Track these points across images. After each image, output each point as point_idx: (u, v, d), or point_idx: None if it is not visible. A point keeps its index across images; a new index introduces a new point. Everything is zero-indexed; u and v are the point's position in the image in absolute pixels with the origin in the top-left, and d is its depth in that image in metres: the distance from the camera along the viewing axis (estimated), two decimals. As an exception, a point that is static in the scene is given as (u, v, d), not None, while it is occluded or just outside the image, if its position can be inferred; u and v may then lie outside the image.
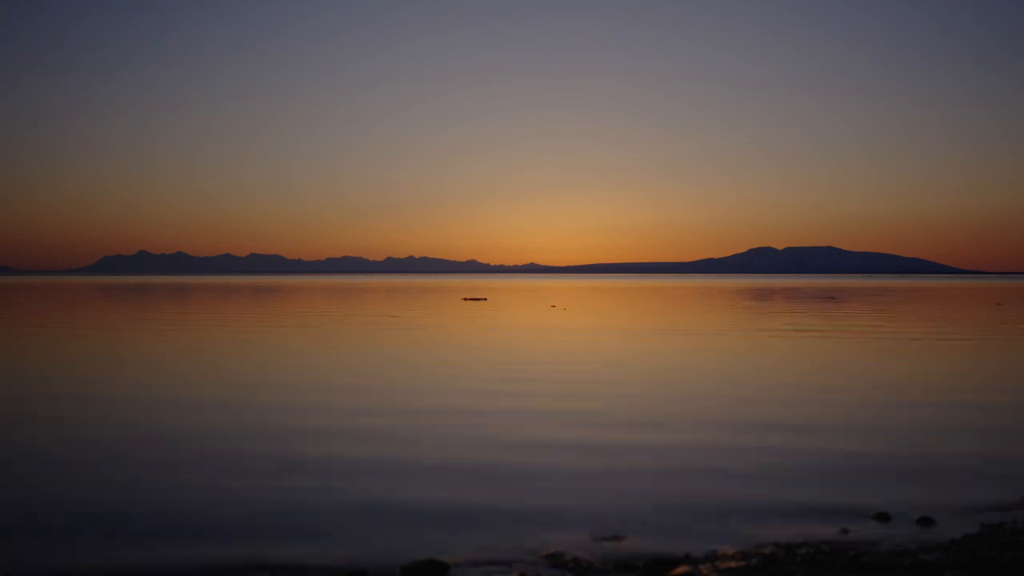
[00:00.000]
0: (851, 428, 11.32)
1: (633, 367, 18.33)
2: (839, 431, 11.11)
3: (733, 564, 6.10)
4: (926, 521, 7.07)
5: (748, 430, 11.15)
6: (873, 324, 33.46)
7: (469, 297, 68.52)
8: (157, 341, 25.12)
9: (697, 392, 14.60)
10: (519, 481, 8.53)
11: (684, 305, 53.41)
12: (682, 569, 6.00)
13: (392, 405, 13.14)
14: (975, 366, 18.78)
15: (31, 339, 25.90)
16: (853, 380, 16.22)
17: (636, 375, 16.91)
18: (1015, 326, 32.50)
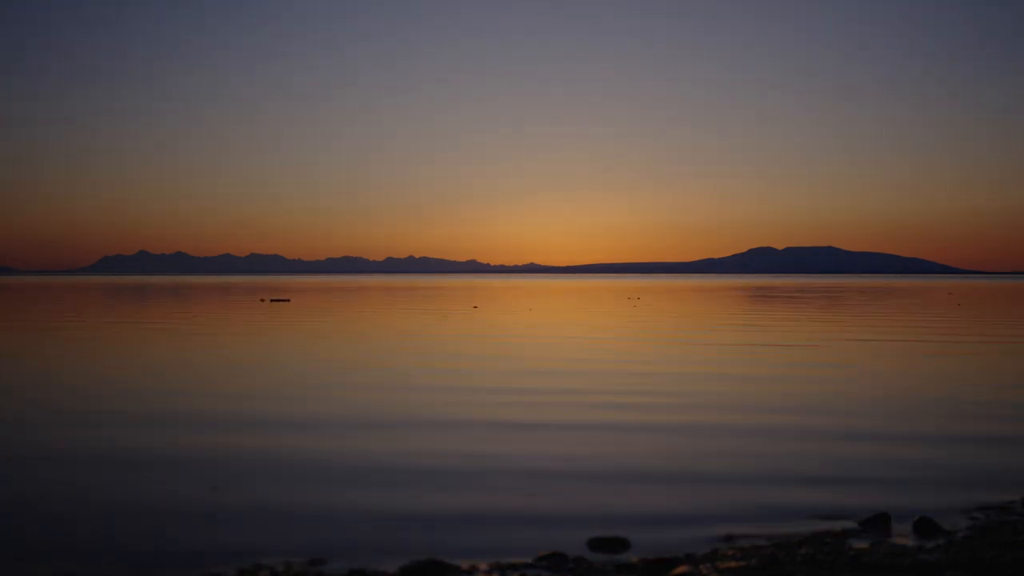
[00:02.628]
0: (850, 427, 11.33)
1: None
2: (838, 430, 11.11)
3: (733, 564, 6.10)
4: (926, 521, 7.07)
5: (746, 430, 11.16)
6: (826, 325, 33.47)
7: (274, 298, 64.43)
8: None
9: (691, 391, 14.61)
10: (518, 481, 8.54)
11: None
12: (682, 569, 6.00)
13: (392, 409, 13.15)
14: (971, 365, 18.79)
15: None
16: (847, 379, 16.24)
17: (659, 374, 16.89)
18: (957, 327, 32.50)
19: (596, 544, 6.56)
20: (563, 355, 21.08)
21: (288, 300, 60.88)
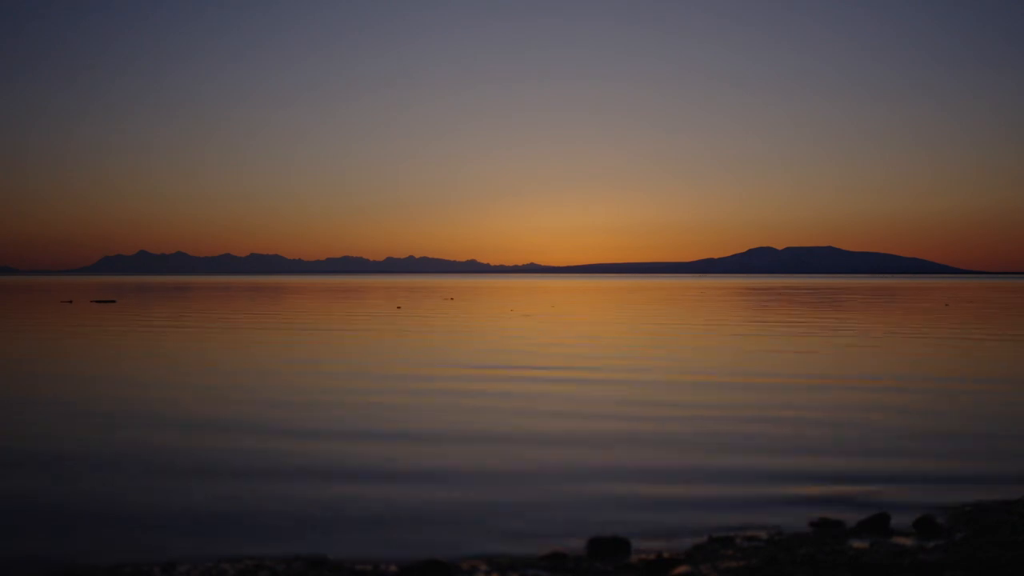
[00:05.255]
0: (850, 426, 11.33)
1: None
2: (837, 429, 11.11)
3: (733, 564, 6.10)
4: (926, 521, 7.07)
5: (745, 429, 11.16)
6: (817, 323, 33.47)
7: (97, 299, 59.55)
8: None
9: (696, 389, 14.60)
10: (519, 481, 8.54)
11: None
12: (682, 569, 6.00)
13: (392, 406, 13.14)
14: (969, 363, 18.79)
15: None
16: (845, 377, 16.23)
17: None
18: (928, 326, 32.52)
19: (596, 544, 6.56)
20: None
21: (114, 301, 56.60)
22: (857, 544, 6.60)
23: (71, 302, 56.48)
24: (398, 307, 49.06)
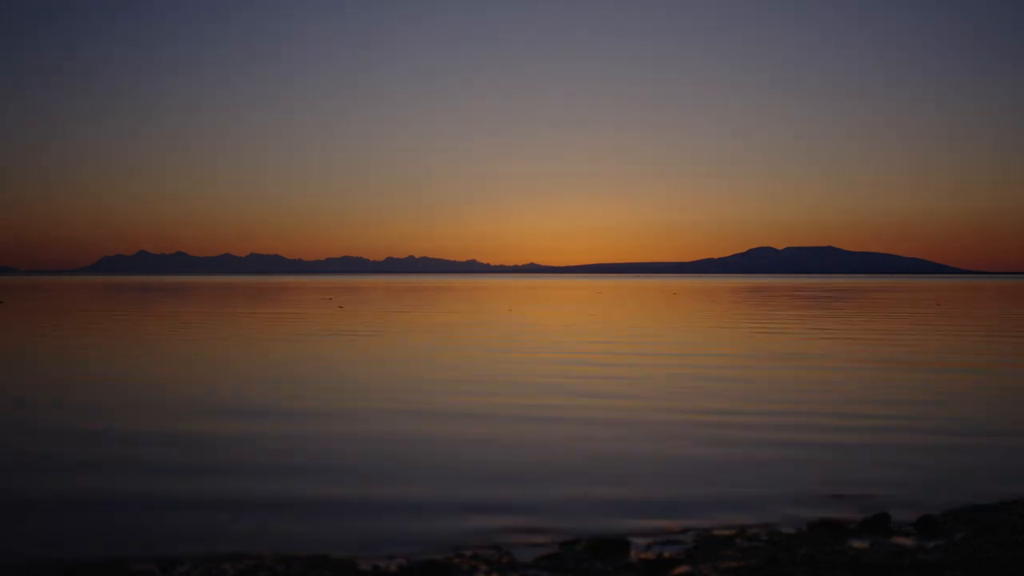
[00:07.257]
0: (849, 426, 11.33)
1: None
2: (837, 429, 11.12)
3: (733, 564, 6.11)
4: (926, 521, 7.07)
5: (745, 429, 11.17)
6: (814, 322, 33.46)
7: None
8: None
9: (688, 389, 14.61)
10: (519, 481, 8.54)
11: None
12: (682, 569, 6.01)
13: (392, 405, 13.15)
14: (972, 364, 18.80)
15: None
16: (845, 376, 16.24)
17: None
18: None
19: (596, 544, 6.56)
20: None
21: (1, 303, 52.40)
22: (857, 544, 6.60)
23: None
24: (340, 306, 48.60)
